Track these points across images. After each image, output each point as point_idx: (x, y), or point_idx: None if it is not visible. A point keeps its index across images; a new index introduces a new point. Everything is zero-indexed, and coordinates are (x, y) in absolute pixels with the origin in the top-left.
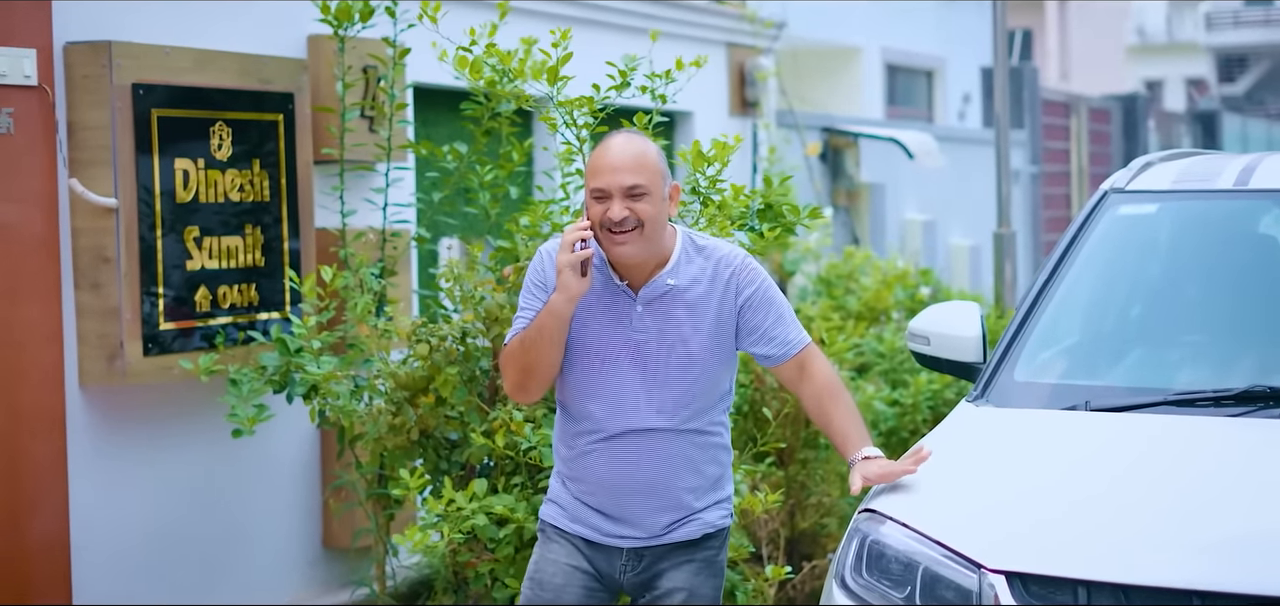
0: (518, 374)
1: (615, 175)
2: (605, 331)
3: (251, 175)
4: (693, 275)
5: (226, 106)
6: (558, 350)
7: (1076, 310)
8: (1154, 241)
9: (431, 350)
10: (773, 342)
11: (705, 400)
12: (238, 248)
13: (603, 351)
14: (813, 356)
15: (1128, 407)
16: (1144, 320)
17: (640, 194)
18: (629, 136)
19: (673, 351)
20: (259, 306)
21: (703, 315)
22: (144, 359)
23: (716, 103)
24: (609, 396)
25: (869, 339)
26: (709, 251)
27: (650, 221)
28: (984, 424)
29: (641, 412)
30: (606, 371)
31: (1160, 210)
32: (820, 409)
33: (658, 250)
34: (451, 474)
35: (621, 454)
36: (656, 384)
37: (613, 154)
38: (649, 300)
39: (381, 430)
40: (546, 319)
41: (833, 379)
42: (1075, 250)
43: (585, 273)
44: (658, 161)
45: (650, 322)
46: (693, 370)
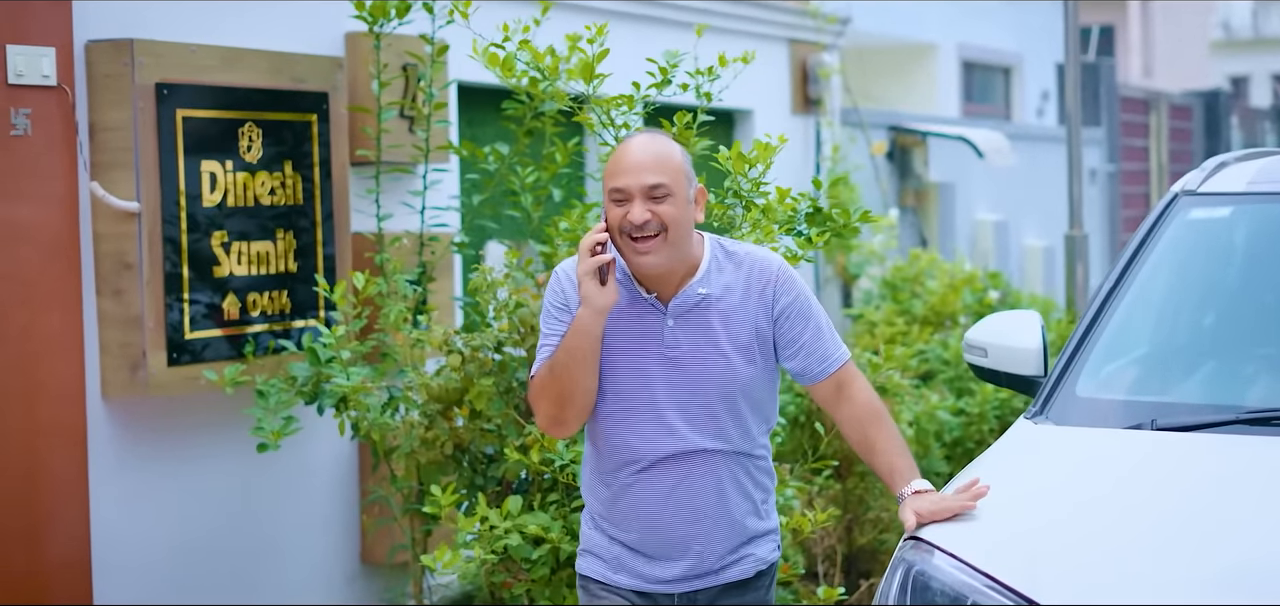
0: (551, 406)
1: (635, 175)
2: (634, 350)
3: (283, 178)
4: (725, 284)
5: (256, 106)
6: (592, 373)
7: (1143, 320)
8: (1227, 247)
9: (464, 361)
10: (809, 357)
11: (750, 418)
12: (269, 253)
13: (634, 372)
14: (852, 376)
15: (1197, 426)
16: (1215, 331)
17: (663, 195)
18: (651, 135)
19: (710, 366)
20: (292, 314)
21: (740, 326)
22: (168, 369)
23: (778, 100)
24: (645, 421)
25: (934, 345)
26: (741, 258)
27: (675, 225)
28: (1042, 443)
29: (682, 434)
30: (640, 394)
31: (1234, 213)
32: (861, 435)
33: (684, 257)
34: (487, 490)
35: (666, 482)
36: (696, 403)
37: (633, 153)
38: (680, 312)
39: (414, 443)
40: (575, 339)
41: (874, 402)
42: (1143, 256)
43: (606, 281)
44: (681, 161)
45: (683, 337)
46: (734, 385)
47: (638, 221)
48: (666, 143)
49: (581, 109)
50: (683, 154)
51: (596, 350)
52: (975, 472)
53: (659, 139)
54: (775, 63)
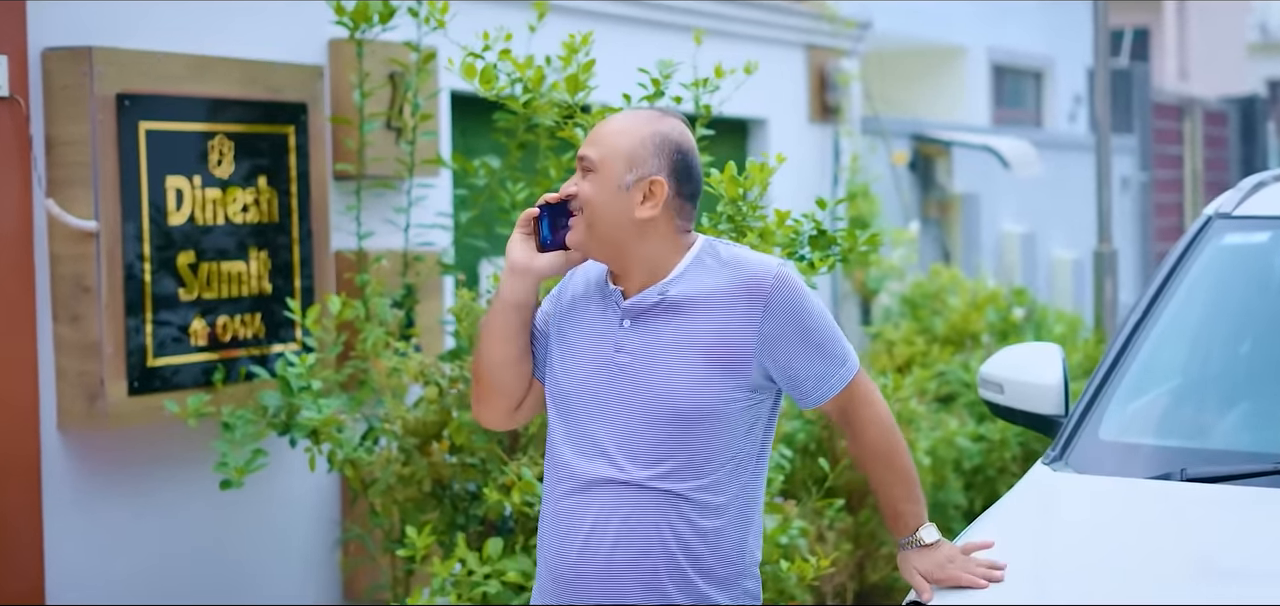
0: (474, 381)
1: (586, 143)
2: (584, 348)
3: (257, 194)
4: (705, 286)
5: (227, 118)
6: (501, 345)
7: (1173, 356)
8: (1266, 276)
9: (442, 392)
10: (806, 379)
11: (700, 454)
12: (241, 274)
13: (579, 373)
14: (859, 399)
15: (1231, 477)
16: (1253, 370)
17: (584, 169)
18: (633, 110)
19: (662, 379)
20: (267, 338)
21: (712, 336)
22: (129, 399)
23: (794, 109)
24: (578, 434)
25: (954, 367)
26: (735, 262)
27: (589, 206)
28: (1060, 495)
29: (613, 458)
30: (577, 400)
31: (1273, 239)
32: (868, 470)
33: (622, 257)
34: (469, 530)
35: (587, 515)
36: (637, 422)
37: (607, 119)
38: (637, 312)
39: (391, 479)
40: (492, 303)
41: (884, 433)
42: (1173, 285)
43: (541, 247)
44: (637, 143)
45: (636, 341)
46: (692, 407)
47: (561, 193)
48: (640, 119)
49: (568, 123)
50: (653, 138)
51: (510, 321)
52: (987, 528)
53: (640, 113)
54: (791, 69)
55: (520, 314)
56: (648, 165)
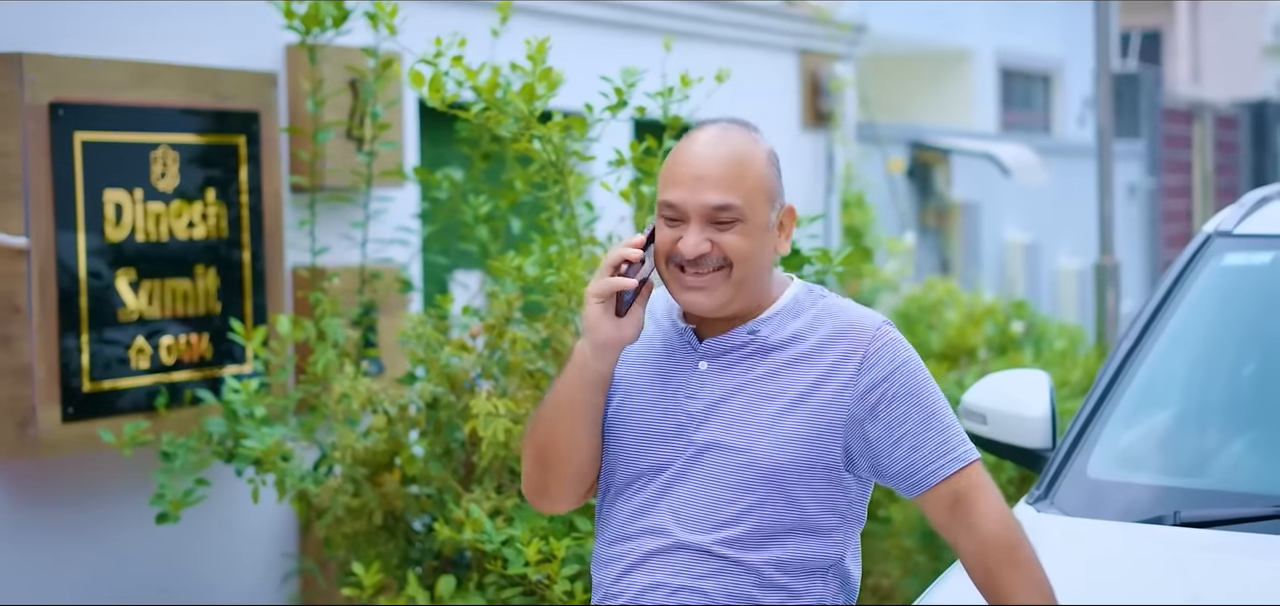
0: (530, 465)
1: (696, 188)
2: (648, 389)
3: (205, 208)
4: (796, 331)
5: (172, 128)
6: (583, 427)
7: (1167, 387)
8: (1268, 300)
9: (391, 420)
10: (914, 455)
11: (775, 525)
12: (187, 292)
13: (642, 424)
14: (976, 487)
15: (1228, 521)
16: (1253, 403)
17: (730, 220)
18: (724, 129)
19: (733, 433)
20: (216, 361)
21: (795, 387)
22: (63, 426)
23: (785, 115)
24: (634, 488)
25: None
26: (829, 307)
27: (743, 261)
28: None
29: (675, 516)
30: (643, 454)
31: (1276, 260)
32: (989, 575)
33: (753, 301)
34: (423, 564)
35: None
36: (699, 480)
37: (695, 156)
38: (718, 353)
39: (339, 511)
40: (565, 379)
41: (1006, 527)
42: (1169, 309)
43: (625, 311)
44: (764, 172)
45: (715, 386)
46: (757, 464)
47: (691, 254)
48: (746, 141)
49: (525, 134)
50: (769, 158)
51: (592, 400)
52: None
53: (734, 135)
54: (783, 74)
55: (604, 391)
56: (779, 194)
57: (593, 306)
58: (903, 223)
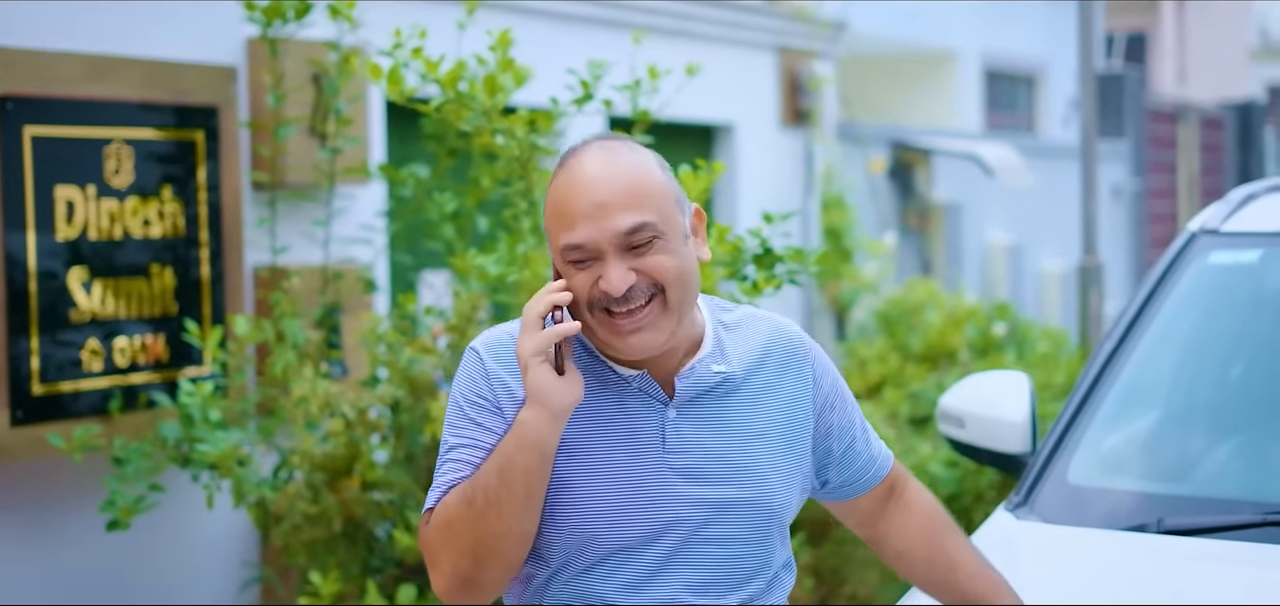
0: (463, 560)
1: (598, 218)
2: (621, 454)
3: (161, 205)
4: (743, 357)
5: (127, 122)
6: (535, 512)
7: (1151, 389)
8: (1256, 300)
9: (349, 425)
10: (860, 459)
11: (775, 563)
12: (142, 292)
13: (623, 489)
14: (903, 473)
15: (1213, 530)
16: (1240, 406)
17: (647, 239)
18: (605, 147)
19: (736, 480)
20: (173, 362)
21: (774, 420)
22: (13, 430)
23: (764, 113)
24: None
25: (929, 386)
26: (749, 320)
27: (676, 281)
28: (1020, 547)
29: (668, 588)
30: (618, 526)
31: (1264, 258)
32: (929, 549)
33: (689, 327)
34: (384, 573)
35: None
36: (715, 539)
37: (586, 184)
38: (690, 398)
39: (297, 518)
40: (517, 458)
41: (934, 501)
42: (1153, 309)
43: (561, 368)
44: (663, 178)
45: (693, 435)
46: (769, 515)
47: (619, 290)
48: (632, 152)
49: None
50: (660, 163)
51: (546, 476)
52: None
53: (619, 149)
54: (761, 72)
55: (551, 463)
56: (681, 195)
57: (536, 369)
58: (883, 223)
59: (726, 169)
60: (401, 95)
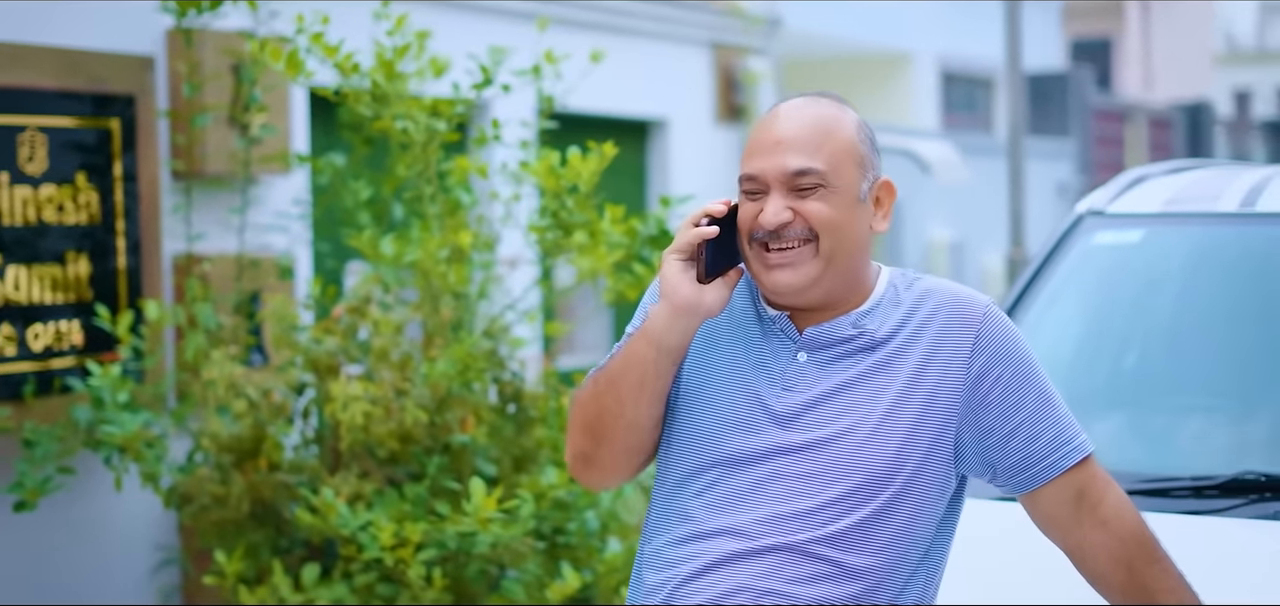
0: (581, 435)
1: (773, 155)
2: (732, 380)
3: (76, 192)
4: (899, 319)
5: (41, 110)
6: (646, 400)
7: None
8: (1136, 278)
9: (253, 406)
10: (1033, 443)
11: (892, 534)
12: (56, 279)
13: (721, 410)
14: (1102, 479)
15: None
16: (1113, 381)
17: (811, 185)
18: (809, 99)
19: (836, 431)
20: (89, 348)
21: (903, 379)
22: None
23: (698, 109)
24: (711, 485)
25: None
26: (934, 289)
27: (830, 231)
28: None
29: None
30: (722, 442)
31: (1146, 238)
32: (1124, 574)
33: (844, 287)
34: (293, 554)
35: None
36: (799, 478)
37: (777, 121)
38: (820, 345)
39: (205, 500)
40: (636, 346)
41: (1142, 523)
42: (1038, 287)
43: (704, 278)
44: (854, 138)
45: (815, 379)
46: (862, 465)
47: (771, 223)
48: (831, 108)
49: (387, 115)
50: (859, 127)
51: (662, 371)
52: None
53: (820, 103)
54: (695, 68)
55: (676, 362)
56: (873, 165)
57: (670, 265)
58: None
59: (661, 164)
60: (298, 78)
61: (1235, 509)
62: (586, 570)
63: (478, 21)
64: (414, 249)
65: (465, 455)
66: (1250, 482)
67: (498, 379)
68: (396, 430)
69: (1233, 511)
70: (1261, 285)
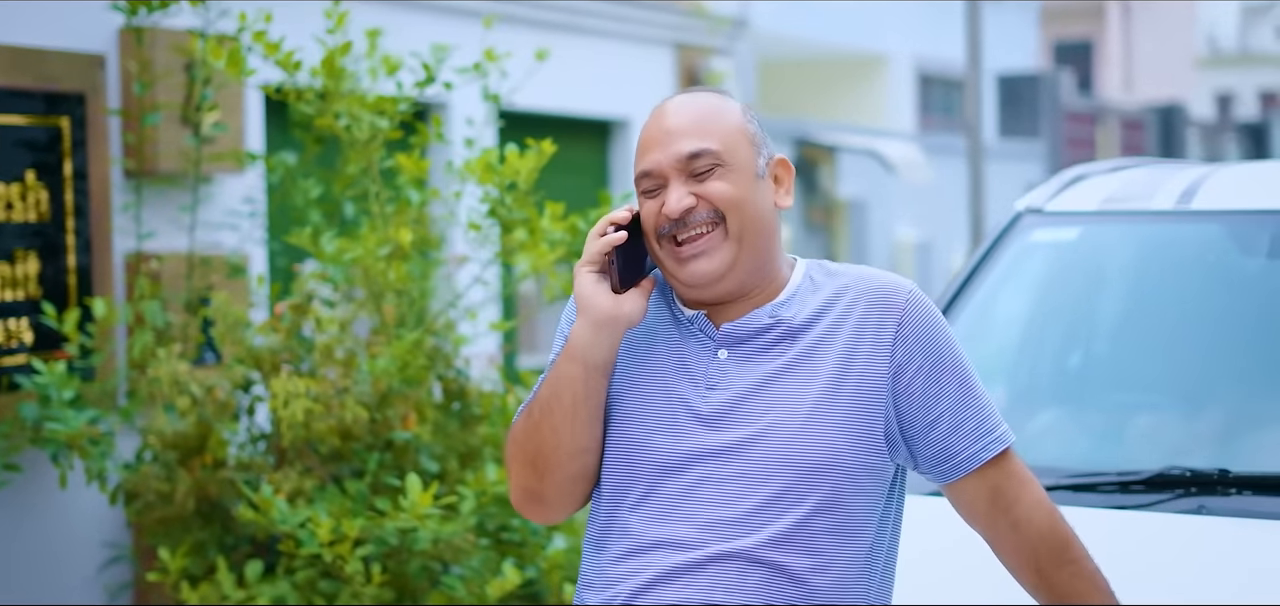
0: (523, 470)
1: (666, 144)
2: (655, 384)
3: (25, 190)
4: (820, 305)
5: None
6: (583, 422)
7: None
8: (1072, 276)
9: (196, 403)
10: (951, 436)
11: (831, 532)
12: (6, 276)
13: (647, 417)
14: (1019, 476)
15: None
16: (1047, 377)
17: (708, 166)
18: (693, 93)
19: (765, 426)
20: (37, 346)
21: (827, 368)
22: None
23: None
24: (645, 497)
25: None
26: (855, 275)
27: (736, 208)
28: None
29: (682, 525)
30: (651, 451)
31: (1082, 236)
32: (1037, 574)
33: (760, 271)
34: (239, 551)
35: (666, 602)
36: (733, 481)
37: (664, 114)
38: (737, 339)
39: (150, 497)
40: (561, 369)
41: (1054, 519)
42: (975, 285)
43: (619, 288)
44: (741, 120)
45: (737, 377)
46: (794, 458)
47: (676, 211)
48: (716, 97)
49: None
50: (745, 110)
51: (595, 388)
52: None
53: (704, 94)
54: (657, 68)
55: (606, 376)
56: (766, 143)
57: (583, 279)
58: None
59: (624, 164)
60: (240, 76)
61: (1160, 503)
62: (531, 567)
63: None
64: (355, 246)
65: (409, 452)
66: (1175, 478)
67: (442, 376)
68: (337, 426)
69: (1157, 506)
70: (1195, 282)
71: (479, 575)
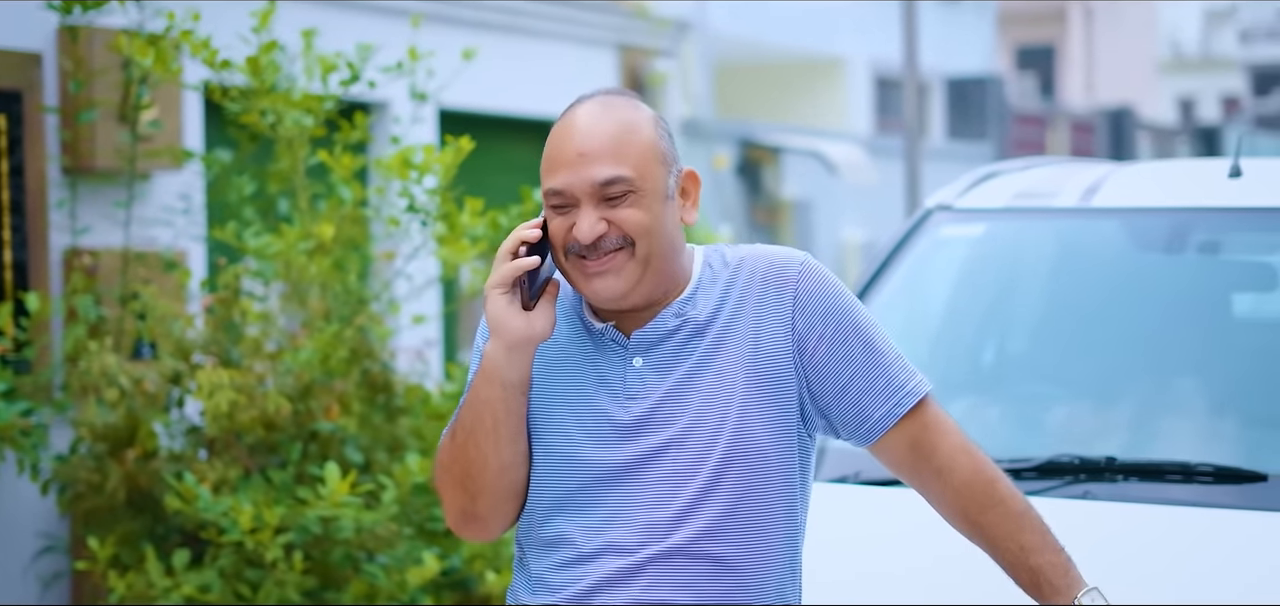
0: (454, 492)
1: (578, 166)
2: (583, 404)
3: None
4: (721, 295)
5: None
6: (505, 441)
7: None
8: (976, 272)
9: (124, 395)
10: (863, 396)
11: (751, 512)
12: None
13: (583, 437)
14: (937, 426)
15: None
16: (952, 369)
17: (621, 192)
18: (602, 102)
19: (688, 423)
20: None
21: (737, 356)
22: None
23: None
24: (579, 508)
25: None
26: (749, 256)
27: (646, 235)
28: None
29: (619, 531)
30: (580, 463)
31: (988, 232)
32: (969, 519)
33: (663, 284)
34: (169, 541)
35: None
36: (662, 481)
37: (576, 131)
38: (649, 344)
39: (80, 488)
40: (479, 390)
41: (978, 463)
42: (882, 281)
43: (528, 304)
44: (654, 136)
45: (655, 382)
46: (717, 450)
47: (587, 238)
48: (628, 108)
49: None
50: (656, 122)
51: (514, 406)
52: None
53: (615, 104)
54: (600, 69)
55: (525, 391)
56: (674, 158)
57: (495, 301)
58: (729, 219)
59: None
60: (169, 75)
61: (1050, 490)
62: (454, 556)
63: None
64: (278, 241)
65: (335, 443)
66: (1064, 465)
67: (366, 369)
68: (260, 417)
69: (1047, 492)
70: (1096, 277)
71: (401, 563)
